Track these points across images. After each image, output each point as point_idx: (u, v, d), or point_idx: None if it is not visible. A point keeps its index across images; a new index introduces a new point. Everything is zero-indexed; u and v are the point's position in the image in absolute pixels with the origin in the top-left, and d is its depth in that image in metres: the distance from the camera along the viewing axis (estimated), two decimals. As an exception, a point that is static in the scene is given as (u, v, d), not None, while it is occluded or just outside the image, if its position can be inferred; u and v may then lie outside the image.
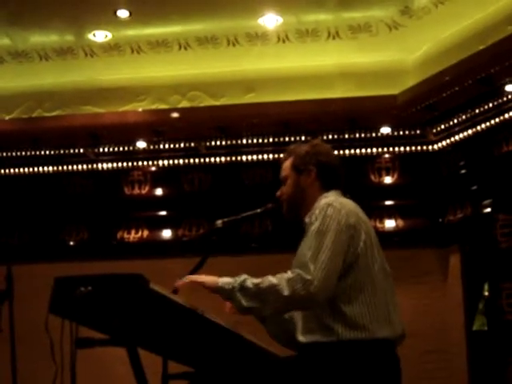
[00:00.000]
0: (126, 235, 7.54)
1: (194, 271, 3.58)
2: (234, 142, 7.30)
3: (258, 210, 3.78)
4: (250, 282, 3.22)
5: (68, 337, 2.98)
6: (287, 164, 3.62)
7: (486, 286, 6.59)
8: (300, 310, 3.32)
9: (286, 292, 3.12)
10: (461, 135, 6.79)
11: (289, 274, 3.16)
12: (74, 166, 7.68)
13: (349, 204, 3.39)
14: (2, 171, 7.78)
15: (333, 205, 3.30)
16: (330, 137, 7.03)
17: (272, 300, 3.16)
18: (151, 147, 7.46)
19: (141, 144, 7.42)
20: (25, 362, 4.72)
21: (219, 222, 3.72)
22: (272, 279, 3.18)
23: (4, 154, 7.69)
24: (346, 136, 7.11)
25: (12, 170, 7.78)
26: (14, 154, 7.68)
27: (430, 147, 7.10)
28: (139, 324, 2.98)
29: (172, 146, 7.42)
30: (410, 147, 7.15)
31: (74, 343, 2.97)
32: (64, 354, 3.03)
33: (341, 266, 3.19)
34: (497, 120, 6.48)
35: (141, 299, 2.86)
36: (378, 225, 6.94)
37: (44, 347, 3.19)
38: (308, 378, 3.17)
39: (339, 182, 3.58)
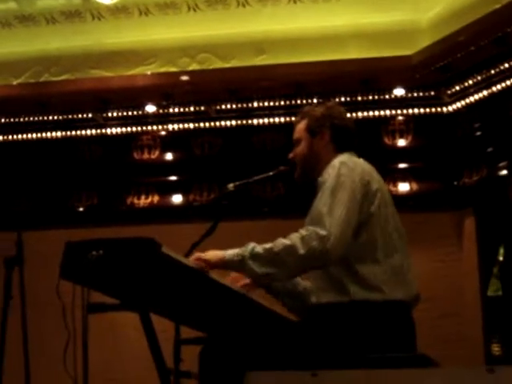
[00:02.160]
0: (135, 200, 7.49)
1: (205, 236, 3.55)
2: (244, 105, 7.21)
3: (271, 173, 3.79)
4: (260, 247, 3.18)
5: (80, 302, 2.94)
6: (301, 126, 3.61)
7: (501, 250, 6.53)
8: (316, 268, 3.26)
9: (301, 250, 3.08)
10: (476, 96, 6.67)
11: (302, 232, 3.13)
12: (83, 131, 7.61)
13: (363, 163, 3.40)
14: (10, 137, 7.74)
15: (347, 163, 3.31)
16: (343, 99, 6.92)
17: (288, 261, 3.12)
18: (160, 111, 7.38)
19: (150, 108, 7.34)
20: (36, 327, 4.71)
21: (231, 186, 3.70)
22: (284, 241, 3.15)
23: (12, 120, 7.63)
24: (359, 98, 7.00)
25: (20, 136, 7.72)
26: (21, 119, 7.63)
27: (445, 109, 6.98)
28: (151, 288, 2.95)
29: (181, 109, 7.34)
30: (425, 109, 7.03)
31: (86, 308, 2.94)
32: (76, 320, 3.00)
33: (355, 223, 3.17)
34: (512, 81, 6.38)
35: (153, 263, 2.82)
36: (392, 188, 6.85)
37: (55, 313, 3.16)
38: (321, 339, 3.14)
39: (353, 144, 3.58)
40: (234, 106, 7.24)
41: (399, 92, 6.99)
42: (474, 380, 2.44)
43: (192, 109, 7.33)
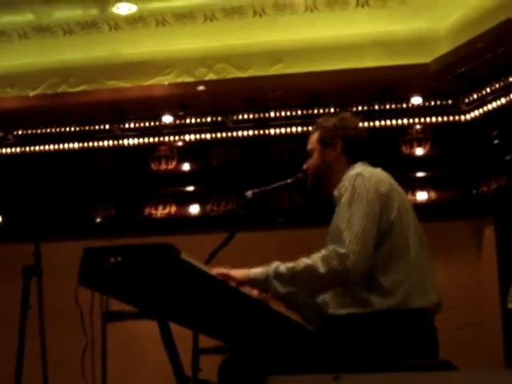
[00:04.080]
0: (153, 211, 7.49)
1: (222, 245, 3.56)
2: (261, 114, 7.19)
3: (289, 180, 3.81)
4: (284, 267, 3.20)
5: (98, 312, 2.94)
6: (314, 137, 3.65)
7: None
8: (339, 286, 3.28)
9: (322, 270, 3.09)
10: (494, 104, 6.63)
11: (323, 252, 3.14)
12: (100, 142, 7.62)
13: (379, 173, 3.40)
14: (28, 148, 7.75)
15: (362, 174, 3.31)
16: (360, 108, 6.90)
17: (309, 281, 3.14)
18: (177, 122, 7.38)
19: (167, 118, 7.35)
20: (54, 337, 4.71)
21: (249, 193, 3.73)
22: (306, 260, 3.16)
23: (29, 131, 7.65)
24: (377, 107, 6.97)
25: (37, 147, 7.73)
26: (39, 131, 7.64)
27: (463, 117, 6.94)
28: (170, 295, 2.94)
29: (198, 120, 7.33)
30: (442, 117, 6.99)
31: (105, 316, 2.93)
32: (94, 329, 3.00)
33: (375, 235, 3.17)
34: (531, 88, 6.35)
35: (172, 269, 2.80)
36: (410, 197, 6.80)
37: (72, 324, 3.16)
38: (342, 347, 3.14)
39: (366, 155, 3.58)
40: (250, 116, 7.23)
41: (417, 101, 6.96)
42: (499, 382, 2.41)
43: (209, 119, 7.32)
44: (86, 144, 7.64)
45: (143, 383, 6.87)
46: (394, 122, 7.06)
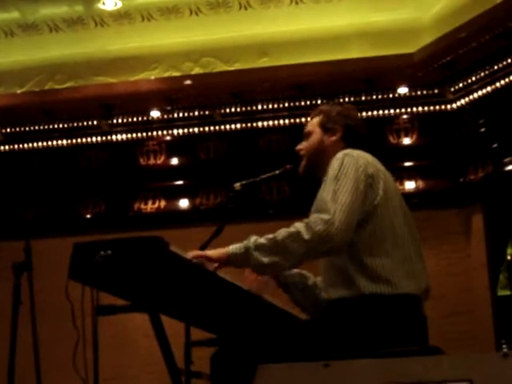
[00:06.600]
0: (142, 206, 7.50)
1: (211, 239, 3.54)
2: (248, 107, 7.21)
3: (277, 172, 3.78)
4: (264, 238, 3.16)
5: (89, 307, 2.94)
6: (315, 121, 3.61)
7: (509, 250, 6.51)
8: (322, 253, 3.19)
9: (306, 236, 3.06)
10: (479, 93, 6.67)
11: (306, 220, 3.12)
12: (88, 139, 7.61)
13: (367, 156, 3.36)
14: (16, 146, 7.73)
15: (350, 154, 3.29)
16: (347, 99, 6.92)
17: (294, 248, 3.09)
18: (165, 116, 7.39)
19: (154, 113, 7.35)
20: (45, 334, 4.71)
21: (237, 185, 3.69)
22: (288, 229, 3.13)
23: (17, 129, 7.64)
24: (363, 98, 7.00)
25: (26, 145, 7.72)
26: (27, 128, 7.62)
27: (449, 106, 6.98)
28: (160, 287, 2.95)
29: (186, 114, 7.34)
30: (429, 107, 7.02)
31: (95, 310, 2.93)
32: (86, 323, 2.99)
33: (359, 212, 3.15)
34: (516, 76, 6.38)
35: (161, 261, 2.82)
36: (399, 186, 6.81)
37: (64, 318, 3.15)
38: (331, 335, 3.12)
39: (362, 146, 3.53)
40: (238, 109, 7.24)
41: (403, 90, 6.99)
42: (489, 365, 2.42)
43: (196, 113, 7.32)
44: (74, 140, 7.63)
45: (136, 376, 6.88)
46: (380, 112, 7.09)
